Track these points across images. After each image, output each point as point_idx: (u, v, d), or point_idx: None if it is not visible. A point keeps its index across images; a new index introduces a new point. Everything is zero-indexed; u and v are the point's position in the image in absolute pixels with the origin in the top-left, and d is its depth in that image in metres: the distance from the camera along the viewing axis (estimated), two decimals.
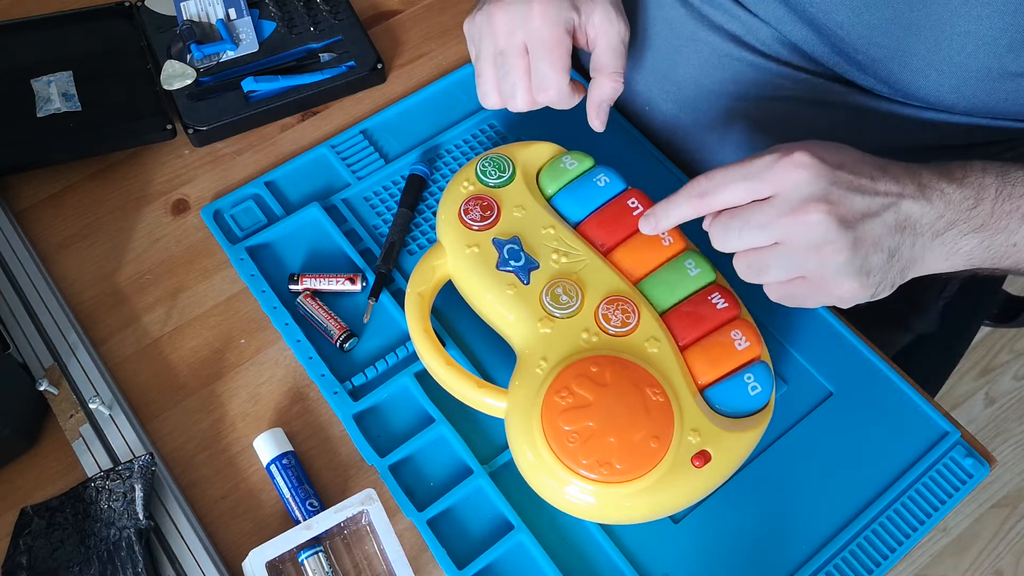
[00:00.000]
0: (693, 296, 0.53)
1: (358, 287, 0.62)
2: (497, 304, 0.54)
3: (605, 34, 0.57)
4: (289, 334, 0.60)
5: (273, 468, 0.54)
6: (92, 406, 0.56)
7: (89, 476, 0.54)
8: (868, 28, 0.56)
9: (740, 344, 0.51)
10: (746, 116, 0.67)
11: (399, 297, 0.62)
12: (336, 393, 0.57)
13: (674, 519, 0.54)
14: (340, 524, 0.52)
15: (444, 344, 0.59)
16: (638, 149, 0.70)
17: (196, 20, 0.74)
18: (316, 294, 0.61)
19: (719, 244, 0.49)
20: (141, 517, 0.52)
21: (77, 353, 0.59)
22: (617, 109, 0.72)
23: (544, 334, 0.52)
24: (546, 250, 0.55)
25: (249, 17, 0.74)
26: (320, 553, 0.51)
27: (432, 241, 0.64)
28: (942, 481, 0.56)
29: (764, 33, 0.64)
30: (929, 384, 0.74)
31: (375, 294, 0.61)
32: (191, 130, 0.69)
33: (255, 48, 0.73)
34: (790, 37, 0.63)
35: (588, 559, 0.53)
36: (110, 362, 0.60)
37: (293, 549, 0.51)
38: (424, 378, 0.58)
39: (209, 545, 0.53)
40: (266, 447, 0.55)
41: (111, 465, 0.55)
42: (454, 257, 0.57)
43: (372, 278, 0.62)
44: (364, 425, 0.57)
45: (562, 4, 0.56)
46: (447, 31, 0.78)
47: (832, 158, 0.46)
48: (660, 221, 0.52)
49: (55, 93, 0.69)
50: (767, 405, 0.51)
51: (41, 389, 0.57)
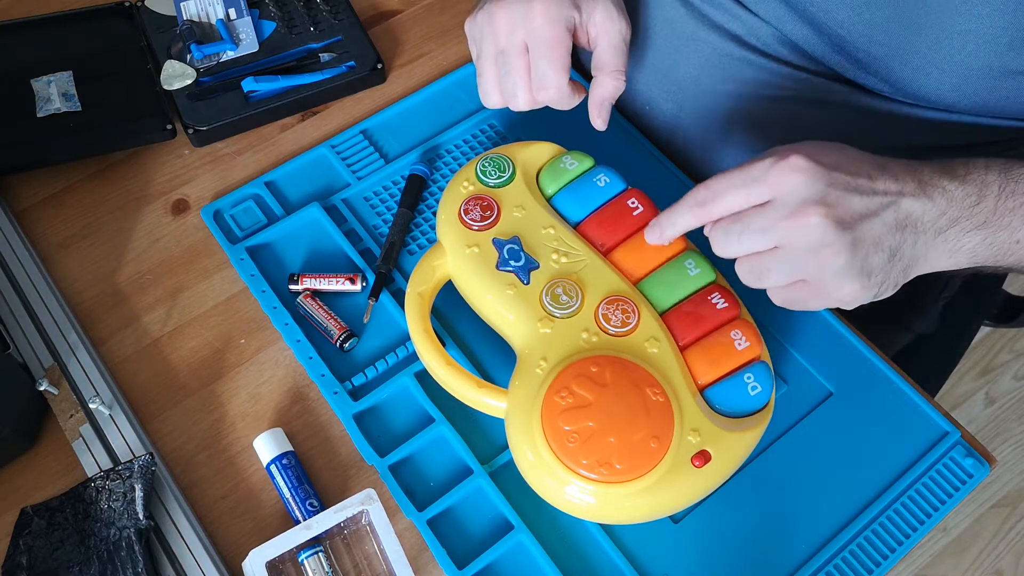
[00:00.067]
0: (693, 296, 0.53)
1: (358, 287, 0.62)
2: (497, 304, 0.54)
3: (606, 32, 0.57)
4: (289, 334, 0.60)
5: (273, 468, 0.54)
6: (92, 406, 0.56)
7: (89, 476, 0.54)
8: (868, 27, 0.56)
9: (740, 344, 0.51)
10: (747, 116, 0.67)
11: (399, 297, 0.62)
12: (336, 393, 0.57)
13: (674, 519, 0.54)
14: (340, 524, 0.52)
15: (444, 344, 0.59)
16: (638, 149, 0.70)
17: (196, 20, 0.74)
18: (316, 294, 0.61)
19: (720, 250, 0.49)
20: (141, 517, 0.52)
21: (77, 353, 0.59)
22: (617, 109, 0.72)
23: (544, 334, 0.52)
24: (546, 250, 0.55)
25: (249, 17, 0.74)
26: (320, 553, 0.51)
27: (432, 241, 0.64)
28: (942, 481, 0.56)
29: (764, 32, 0.64)
30: (929, 384, 0.74)
31: (375, 294, 0.61)
32: (191, 130, 0.69)
33: (255, 48, 0.73)
34: (791, 36, 0.63)
35: (588, 559, 0.53)
36: (110, 362, 0.60)
37: (293, 549, 0.51)
38: (424, 378, 0.58)
39: (209, 545, 0.53)
40: (266, 447, 0.55)
41: (111, 465, 0.55)
42: (454, 257, 0.57)
43: (372, 278, 0.62)
44: (364, 425, 0.57)
45: (563, 3, 0.56)
46: (447, 31, 0.78)
47: (829, 159, 0.46)
48: (665, 231, 0.52)
49: (55, 93, 0.69)
50: (767, 405, 0.51)
51: (41, 389, 0.57)
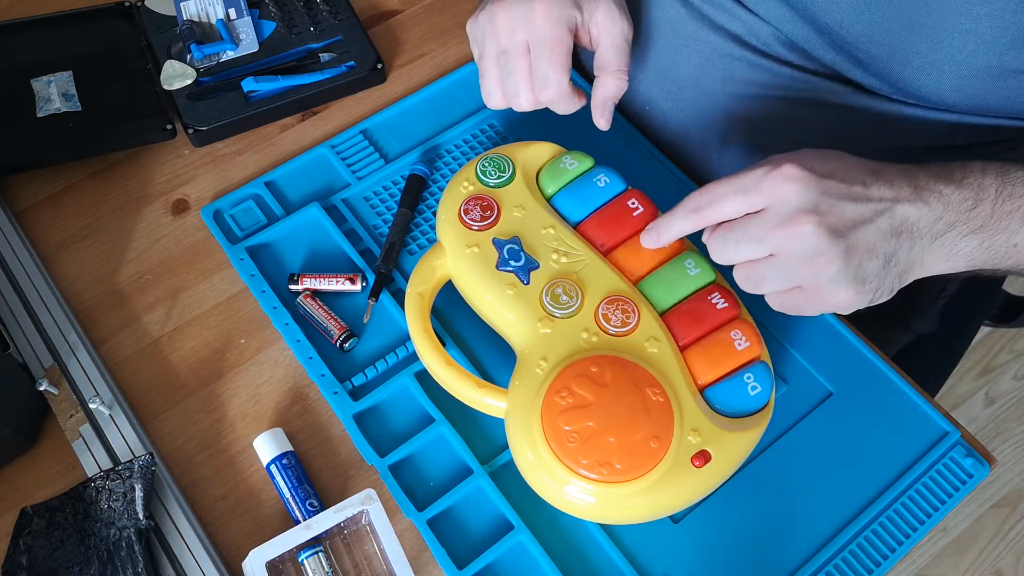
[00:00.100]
0: (693, 296, 0.53)
1: (358, 287, 0.62)
2: (497, 304, 0.54)
3: (608, 32, 0.57)
4: (289, 334, 0.60)
5: (273, 468, 0.54)
6: (92, 406, 0.56)
7: (89, 476, 0.54)
8: (869, 27, 0.56)
9: (740, 344, 0.51)
10: (747, 116, 0.67)
11: (399, 297, 0.62)
12: (336, 393, 0.57)
13: (674, 519, 0.54)
14: (340, 524, 0.52)
15: (444, 344, 0.59)
16: (638, 149, 0.70)
17: (196, 20, 0.74)
18: (316, 294, 0.61)
19: (717, 256, 0.49)
20: (141, 517, 0.52)
21: (77, 353, 0.59)
22: (617, 109, 0.72)
23: (544, 334, 0.52)
24: (546, 250, 0.55)
25: (249, 17, 0.74)
26: (320, 553, 0.51)
27: (432, 241, 0.64)
28: (942, 481, 0.56)
29: (765, 32, 0.64)
30: (929, 384, 0.74)
31: (375, 294, 0.61)
32: (191, 130, 0.69)
33: (255, 48, 0.73)
34: (791, 36, 0.63)
35: (588, 559, 0.53)
36: (110, 362, 0.60)
37: (293, 549, 0.51)
38: (424, 378, 0.58)
39: (209, 545, 0.53)
40: (266, 447, 0.55)
41: (111, 465, 0.55)
42: (454, 257, 0.57)
43: (372, 278, 0.62)
44: (364, 425, 0.57)
45: (564, 3, 0.56)
46: (447, 31, 0.78)
47: (822, 167, 0.47)
48: (661, 235, 0.53)
49: (55, 93, 0.69)
50: (767, 405, 0.51)
51: (41, 389, 0.57)
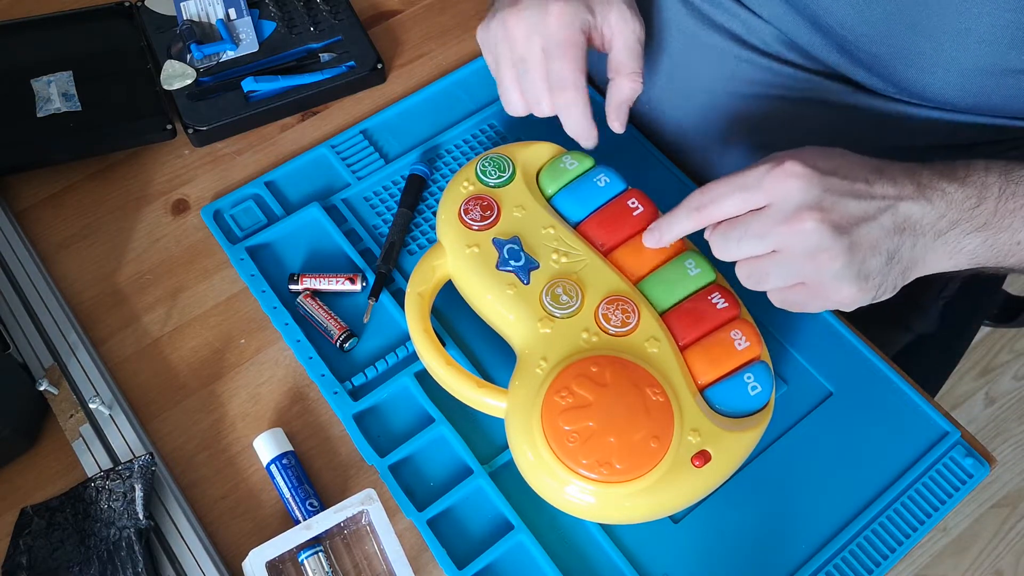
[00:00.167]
0: (693, 296, 0.53)
1: (358, 287, 0.62)
2: (497, 304, 0.54)
3: (621, 34, 0.57)
4: (289, 334, 0.60)
5: (273, 468, 0.54)
6: (92, 406, 0.56)
7: (89, 476, 0.54)
8: (870, 26, 0.56)
9: (740, 344, 0.51)
10: (748, 116, 0.67)
11: (399, 297, 0.62)
12: (336, 393, 0.57)
13: (674, 519, 0.54)
14: (340, 524, 0.52)
15: (444, 344, 0.59)
16: (638, 149, 0.70)
17: (196, 20, 0.74)
18: (316, 294, 0.61)
19: (719, 253, 0.49)
20: (141, 517, 0.52)
21: (77, 353, 0.59)
22: None
23: (544, 334, 0.52)
24: (546, 250, 0.55)
25: (249, 17, 0.74)
26: (320, 553, 0.51)
27: (432, 241, 0.64)
28: (942, 481, 0.56)
29: (766, 32, 0.64)
30: (929, 384, 0.74)
31: (375, 294, 0.61)
32: (191, 130, 0.69)
33: (255, 48, 0.73)
34: (792, 36, 0.63)
35: (588, 559, 0.53)
36: (110, 362, 0.60)
37: (293, 549, 0.51)
38: (424, 378, 0.58)
39: (209, 545, 0.53)
40: (266, 447, 0.55)
41: (111, 465, 0.55)
42: (454, 257, 0.56)
43: (372, 278, 0.62)
44: (364, 425, 0.57)
45: (577, 6, 0.55)
46: (447, 31, 0.78)
47: (825, 164, 0.47)
48: (663, 235, 0.53)
49: (55, 93, 0.69)
50: (767, 405, 0.51)
51: (41, 389, 0.57)
